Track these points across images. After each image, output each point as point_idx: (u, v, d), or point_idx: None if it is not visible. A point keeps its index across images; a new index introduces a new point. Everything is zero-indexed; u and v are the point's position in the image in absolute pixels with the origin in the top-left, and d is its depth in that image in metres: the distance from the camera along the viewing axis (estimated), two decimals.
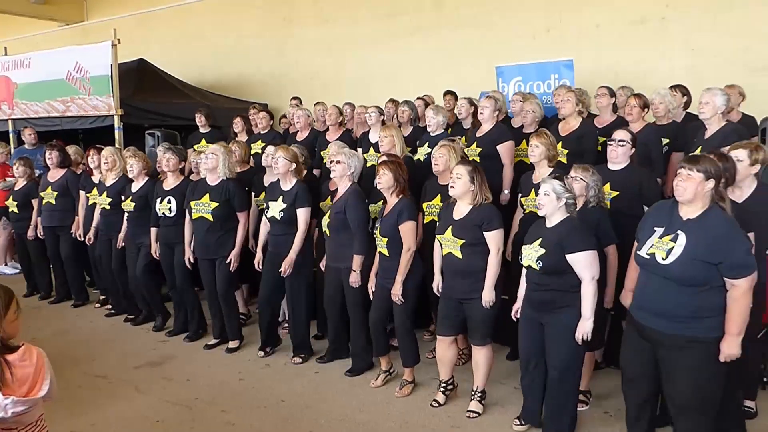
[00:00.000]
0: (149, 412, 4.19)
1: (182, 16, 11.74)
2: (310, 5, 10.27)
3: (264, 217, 4.96)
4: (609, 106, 5.49)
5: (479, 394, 4.03)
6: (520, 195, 4.57)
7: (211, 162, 4.99)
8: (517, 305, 3.74)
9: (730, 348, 2.86)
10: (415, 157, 5.36)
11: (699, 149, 4.35)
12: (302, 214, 4.75)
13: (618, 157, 4.16)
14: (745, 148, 3.55)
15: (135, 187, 5.66)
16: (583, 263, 3.36)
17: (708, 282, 2.86)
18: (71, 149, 6.93)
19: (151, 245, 5.47)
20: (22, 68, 8.87)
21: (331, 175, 4.65)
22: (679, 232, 2.94)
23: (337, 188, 4.65)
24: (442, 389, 4.18)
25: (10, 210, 6.93)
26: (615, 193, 4.14)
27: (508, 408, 4.04)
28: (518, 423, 3.80)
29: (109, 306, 6.38)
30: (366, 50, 9.60)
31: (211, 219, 4.96)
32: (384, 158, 4.58)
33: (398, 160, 4.49)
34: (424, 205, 4.63)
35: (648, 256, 3.00)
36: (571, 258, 3.36)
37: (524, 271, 3.65)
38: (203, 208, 4.98)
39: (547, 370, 3.60)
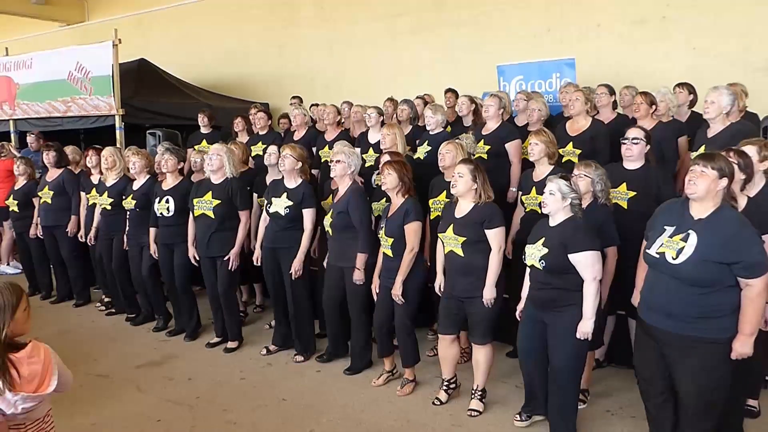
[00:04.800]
0: (150, 412, 4.19)
1: (183, 16, 11.75)
2: (311, 5, 10.27)
3: (265, 213, 4.95)
4: (609, 105, 5.48)
5: (479, 393, 4.03)
6: (520, 193, 4.57)
7: (216, 163, 5.00)
8: (521, 305, 3.73)
9: (744, 347, 2.82)
10: (415, 156, 5.37)
11: (703, 148, 4.35)
12: (309, 215, 4.77)
13: (634, 155, 4.08)
14: (754, 144, 3.54)
15: (136, 185, 5.67)
16: (585, 263, 3.35)
17: (718, 282, 2.82)
18: (69, 149, 6.93)
19: (150, 245, 5.48)
20: (24, 68, 8.89)
21: (332, 174, 4.66)
22: (690, 231, 2.88)
23: (338, 187, 4.67)
24: (444, 387, 4.18)
25: (10, 209, 6.94)
26: (632, 194, 4.06)
27: (510, 406, 4.03)
28: (518, 419, 3.80)
29: (110, 305, 6.37)
30: (366, 50, 9.60)
31: (213, 216, 4.97)
32: (387, 158, 4.59)
33: (402, 159, 4.50)
34: (430, 201, 4.63)
35: (657, 255, 2.96)
36: (573, 258, 3.35)
37: (527, 270, 3.65)
38: (205, 205, 4.99)
39: (547, 366, 3.60)
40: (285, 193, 4.79)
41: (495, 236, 3.80)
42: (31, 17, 13.03)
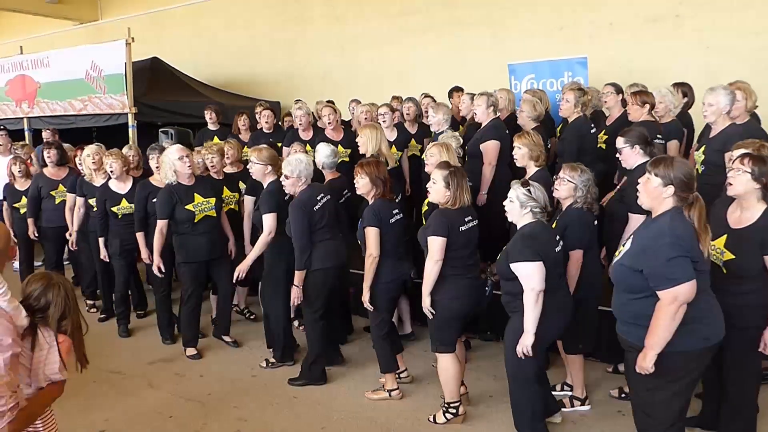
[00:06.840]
0: (162, 408, 4.23)
1: (195, 15, 11.81)
2: (322, 4, 10.29)
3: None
4: (617, 104, 5.45)
5: (444, 405, 3.87)
6: None
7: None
8: None
9: (643, 359, 2.70)
10: (423, 155, 5.36)
11: (703, 149, 4.33)
12: (265, 220, 4.49)
13: (626, 161, 3.96)
14: (748, 147, 3.44)
15: (125, 189, 5.40)
16: (519, 274, 3.28)
17: (641, 289, 2.74)
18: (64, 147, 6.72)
19: (142, 251, 5.17)
20: (42, 67, 8.92)
21: (286, 191, 4.45)
22: (631, 237, 2.92)
23: None
24: (443, 409, 3.90)
25: (21, 212, 6.72)
26: None
27: None
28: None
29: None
30: (378, 49, 9.60)
31: (215, 214, 4.96)
32: (362, 160, 4.38)
33: (375, 161, 4.27)
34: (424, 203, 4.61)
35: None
36: (512, 267, 3.32)
37: None
38: (206, 206, 4.89)
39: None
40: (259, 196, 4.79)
41: (429, 245, 3.62)
42: (44, 16, 13.12)
